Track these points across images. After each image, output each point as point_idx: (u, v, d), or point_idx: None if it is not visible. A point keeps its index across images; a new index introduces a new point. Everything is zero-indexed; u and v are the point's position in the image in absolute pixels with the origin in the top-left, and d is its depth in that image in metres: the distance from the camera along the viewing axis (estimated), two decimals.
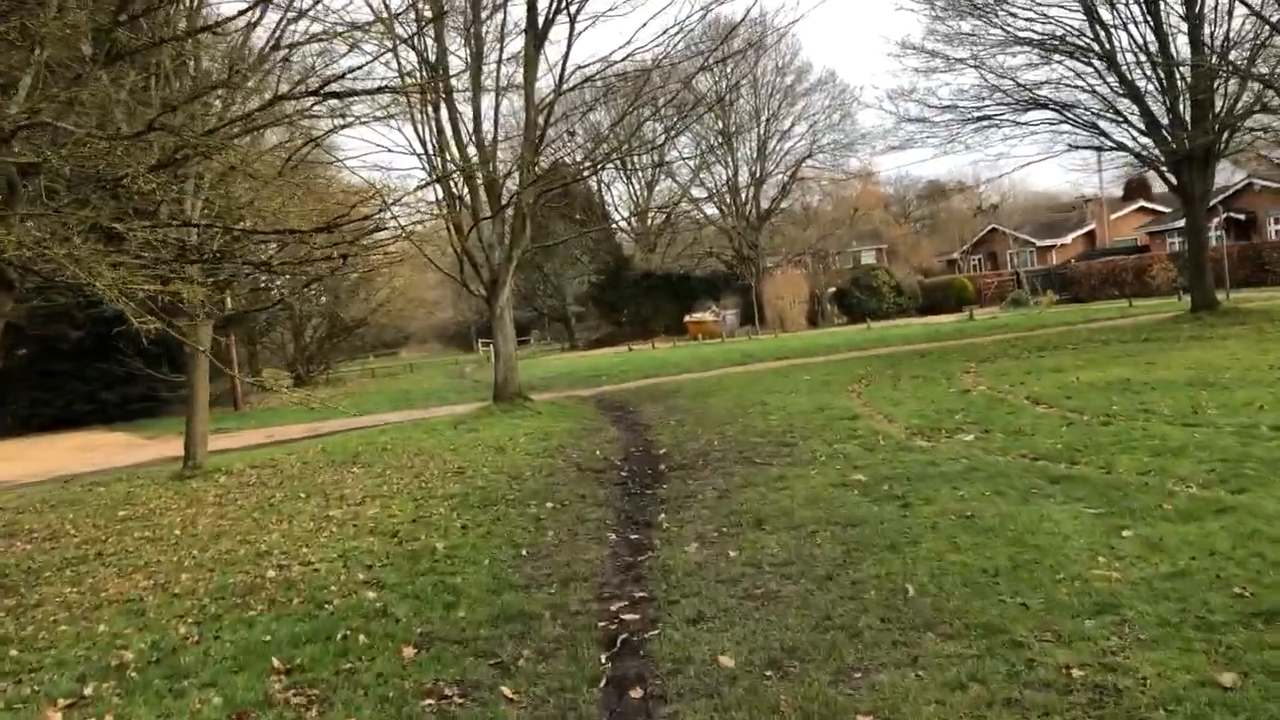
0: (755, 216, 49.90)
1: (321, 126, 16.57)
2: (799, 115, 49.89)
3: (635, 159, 42.73)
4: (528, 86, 19.94)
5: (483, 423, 17.18)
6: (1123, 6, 23.44)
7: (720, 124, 47.56)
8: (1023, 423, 10.69)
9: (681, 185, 54.33)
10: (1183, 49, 23.42)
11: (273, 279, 19.97)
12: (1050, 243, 54.79)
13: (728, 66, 36.91)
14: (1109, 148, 26.42)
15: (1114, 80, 24.31)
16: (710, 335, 43.98)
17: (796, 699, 4.16)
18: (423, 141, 19.65)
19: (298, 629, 5.83)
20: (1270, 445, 8.04)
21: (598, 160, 26.30)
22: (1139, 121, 24.57)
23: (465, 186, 20.03)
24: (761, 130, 49.28)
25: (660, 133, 27.46)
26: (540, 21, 19.54)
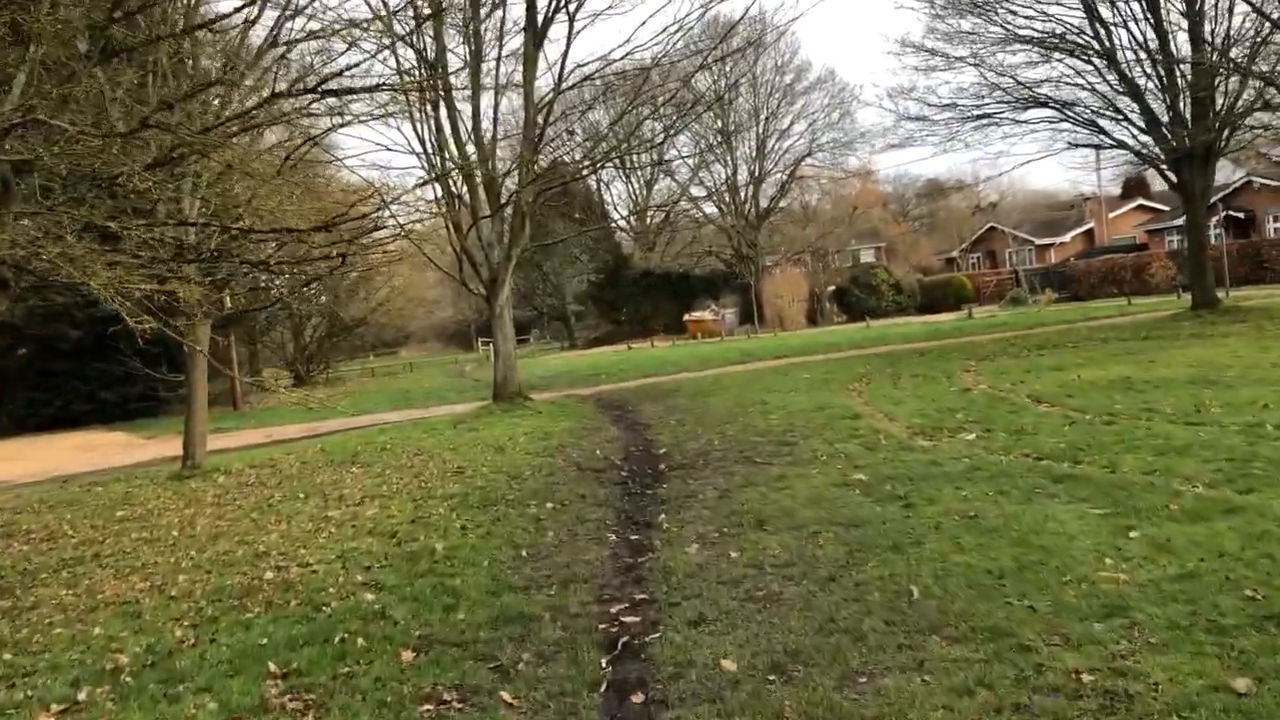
0: (754, 215, 49.80)
1: (320, 125, 16.53)
2: (798, 114, 49.86)
3: (634, 158, 42.62)
4: (527, 85, 19.88)
5: (482, 422, 17.11)
6: (1123, 4, 23.42)
7: (719, 123, 47.49)
8: (1025, 422, 10.63)
9: (680, 184, 54.34)
10: (1183, 47, 23.40)
11: (271, 278, 19.91)
12: (1049, 241, 54.76)
13: (727, 65, 36.88)
14: (1109, 146, 26.36)
15: (1114, 78, 24.28)
16: (709, 334, 43.91)
17: (801, 704, 4.10)
18: (422, 140, 19.60)
19: (295, 632, 5.77)
20: (1277, 444, 7.96)
21: (597, 159, 26.22)
22: (1139, 119, 24.53)
23: (464, 185, 19.96)
24: (760, 129, 49.20)
25: (659, 131, 27.38)
26: (539, 20, 19.49)
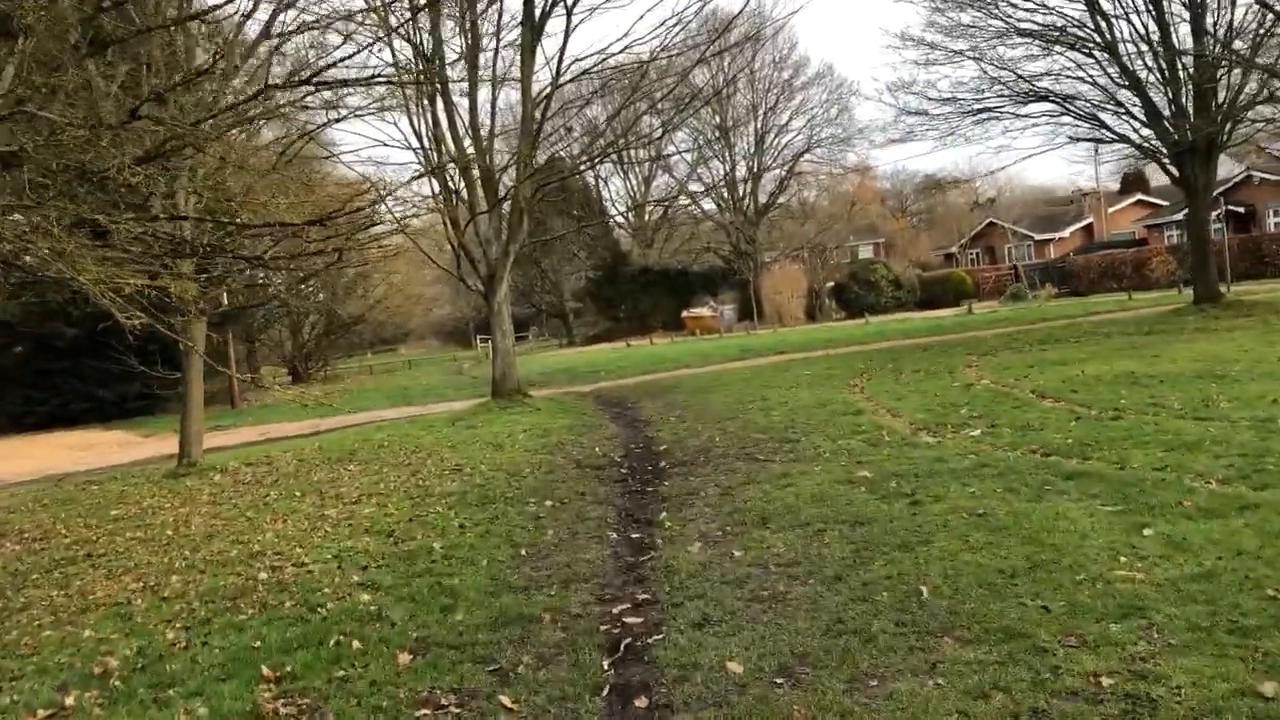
0: (753, 211, 49.66)
1: (316, 120, 16.40)
2: (796, 109, 49.69)
3: (632, 153, 42.40)
4: (524, 80, 19.73)
5: (481, 419, 16.97)
6: None
7: (717, 118, 47.32)
8: (1030, 417, 10.49)
9: (679, 180, 54.20)
10: (1185, 39, 23.23)
11: (268, 275, 19.78)
12: (1048, 236, 54.63)
13: (725, 60, 36.72)
14: (1110, 140, 26.20)
15: (1115, 71, 24.10)
16: (708, 330, 43.78)
17: (810, 709, 3.96)
18: (419, 135, 19.43)
19: (289, 634, 5.64)
20: None
21: (594, 154, 26.08)
22: (1140, 113, 24.36)
23: (462, 180, 19.82)
24: (759, 125, 49.02)
25: (657, 127, 27.23)
26: (537, 13, 19.33)
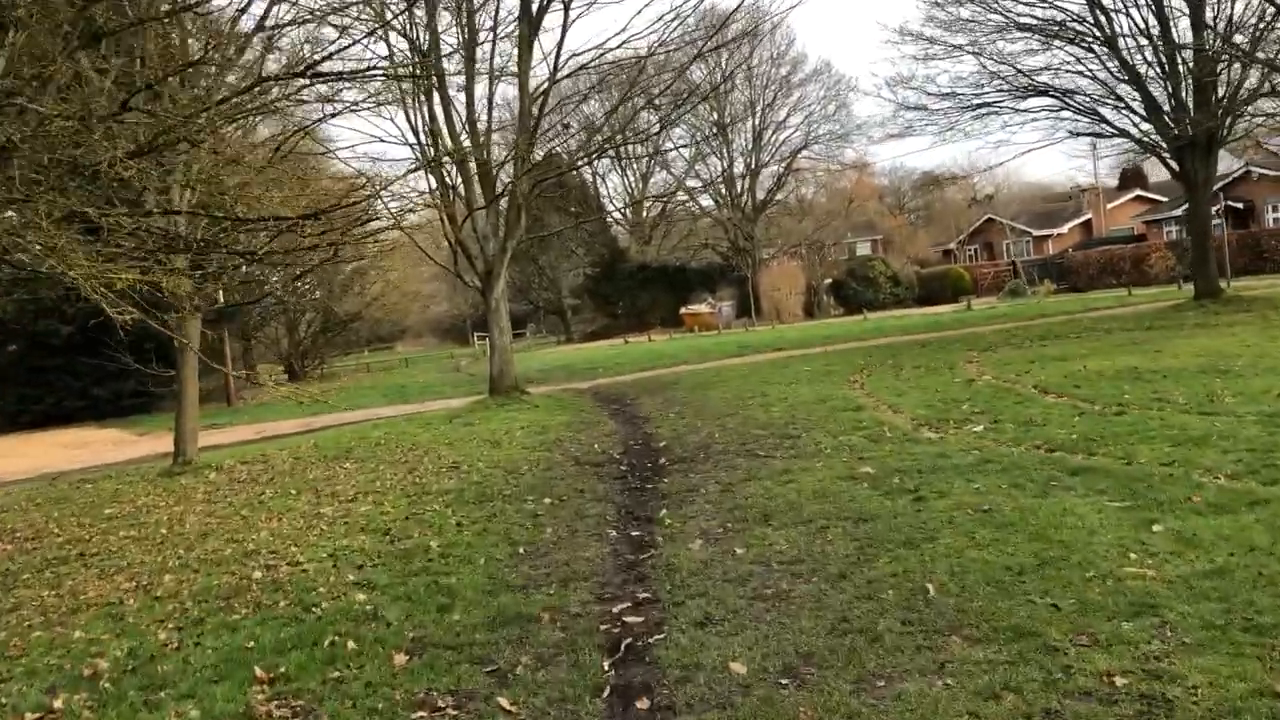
0: (751, 208, 49.57)
1: (312, 115, 16.25)
2: (794, 106, 49.62)
3: (630, 149, 42.29)
4: (522, 75, 19.61)
5: (478, 416, 16.87)
6: None
7: (715, 115, 47.18)
8: (1033, 413, 10.40)
9: (677, 177, 54.06)
10: (1185, 33, 23.14)
11: (263, 271, 19.65)
12: (1047, 232, 54.53)
13: (723, 56, 36.61)
14: (1110, 134, 26.12)
15: (1115, 65, 24.03)
16: (706, 327, 43.67)
17: (816, 710, 3.86)
18: (415, 130, 19.31)
19: (283, 634, 5.53)
20: None
21: (592, 150, 25.98)
22: (1140, 107, 24.31)
23: (459, 176, 19.70)
24: (757, 121, 48.96)
25: (655, 123, 27.14)
26: (534, 7, 19.21)
